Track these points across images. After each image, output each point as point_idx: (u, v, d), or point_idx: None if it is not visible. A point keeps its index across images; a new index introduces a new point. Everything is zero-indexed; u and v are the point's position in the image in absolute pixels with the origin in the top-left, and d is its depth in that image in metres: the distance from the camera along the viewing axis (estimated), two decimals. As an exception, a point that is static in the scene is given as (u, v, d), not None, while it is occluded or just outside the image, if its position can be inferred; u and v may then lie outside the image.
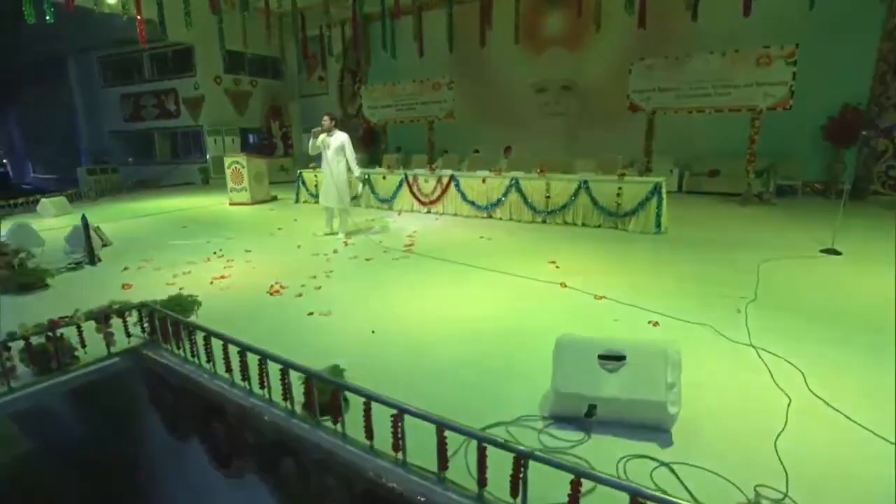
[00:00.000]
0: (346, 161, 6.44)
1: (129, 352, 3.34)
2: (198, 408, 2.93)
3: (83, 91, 17.74)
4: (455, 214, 8.19)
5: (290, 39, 13.87)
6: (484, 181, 7.78)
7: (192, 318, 3.70)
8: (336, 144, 6.39)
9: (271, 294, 4.44)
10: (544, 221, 7.29)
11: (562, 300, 4.05)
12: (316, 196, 10.10)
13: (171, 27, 11.79)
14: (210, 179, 14.98)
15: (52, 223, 8.95)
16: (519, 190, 7.42)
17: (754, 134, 8.86)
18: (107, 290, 4.67)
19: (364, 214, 8.65)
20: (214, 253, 6.04)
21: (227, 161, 10.30)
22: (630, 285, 4.37)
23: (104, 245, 6.77)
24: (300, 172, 10.40)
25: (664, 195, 6.35)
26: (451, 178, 8.12)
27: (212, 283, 4.85)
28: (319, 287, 4.58)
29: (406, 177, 8.66)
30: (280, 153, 16.32)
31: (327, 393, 2.23)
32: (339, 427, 2.24)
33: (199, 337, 2.94)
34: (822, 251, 5.43)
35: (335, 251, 5.94)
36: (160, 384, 3.24)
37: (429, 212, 8.49)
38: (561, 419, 2.29)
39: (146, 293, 4.60)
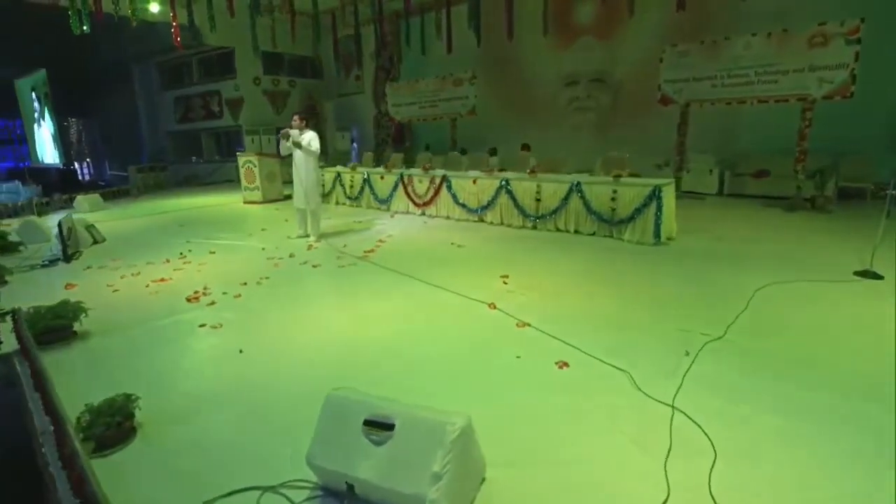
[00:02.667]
0: (314, 159, 6.19)
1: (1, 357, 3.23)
2: (18, 426, 2.72)
3: (144, 94, 19.12)
4: (447, 217, 7.66)
5: (326, 39, 13.97)
6: (475, 182, 7.18)
7: (76, 326, 3.56)
8: (304, 144, 6.14)
9: (189, 300, 4.22)
10: (535, 227, 6.57)
11: (478, 325, 3.44)
12: (323, 195, 10.01)
13: (205, 31, 12.23)
14: (246, 177, 15.48)
15: (83, 218, 9.53)
16: (509, 192, 6.75)
17: (805, 128, 7.50)
18: (55, 289, 4.72)
19: (359, 215, 8.37)
20: (182, 254, 6.00)
21: (240, 160, 10.48)
22: (575, 310, 3.66)
23: (95, 242, 7.01)
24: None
25: (664, 200, 5.41)
26: (444, 178, 7.60)
27: (148, 286, 4.73)
28: (239, 295, 4.29)
29: (402, 177, 8.26)
30: (315, 152, 16.65)
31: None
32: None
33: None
34: (856, 274, 4.33)
35: (291, 255, 5.66)
36: (16, 394, 3.08)
37: (423, 213, 8.02)
38: (330, 491, 1.77)
39: (85, 293, 4.60)
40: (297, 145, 6.06)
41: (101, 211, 10.48)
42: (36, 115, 17.37)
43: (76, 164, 23.47)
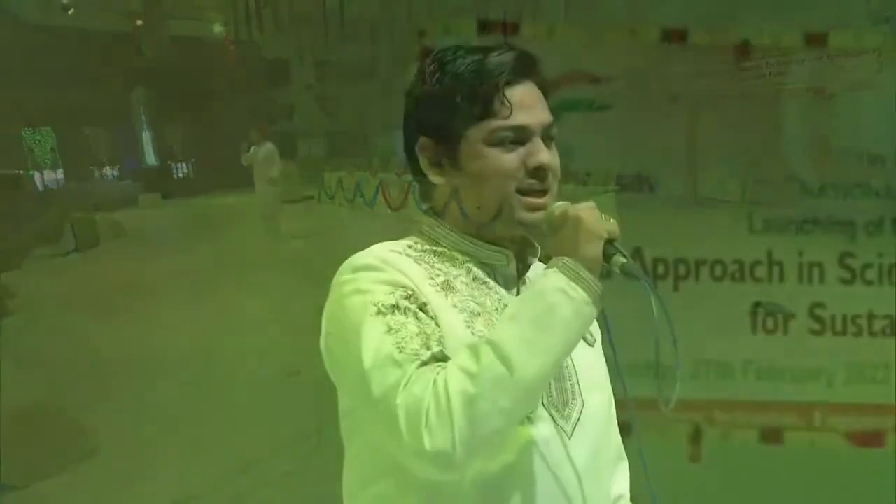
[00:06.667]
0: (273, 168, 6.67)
1: None
2: None
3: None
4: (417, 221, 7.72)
5: (364, 45, 14.65)
6: (432, 188, 7.15)
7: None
8: (261, 158, 6.66)
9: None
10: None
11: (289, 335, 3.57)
12: (330, 196, 10.60)
13: (261, 44, 13.45)
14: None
15: (142, 214, 11.21)
16: (456, 199, 6.63)
17: (823, 126, 6.30)
18: (39, 273, 5.74)
19: (341, 217, 8.76)
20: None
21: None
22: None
23: (116, 237, 8.22)
24: (322, 174, 10.99)
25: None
26: (411, 184, 7.66)
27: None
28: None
29: (381, 181, 8.48)
30: (362, 153, 17.52)
31: None
32: None
33: None
34: (756, 306, 3.64)
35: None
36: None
37: (398, 218, 8.17)
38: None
39: (45, 282, 5.52)
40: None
41: (156, 209, 12.17)
42: (143, 123, 20.46)
43: (182, 164, 27.21)
